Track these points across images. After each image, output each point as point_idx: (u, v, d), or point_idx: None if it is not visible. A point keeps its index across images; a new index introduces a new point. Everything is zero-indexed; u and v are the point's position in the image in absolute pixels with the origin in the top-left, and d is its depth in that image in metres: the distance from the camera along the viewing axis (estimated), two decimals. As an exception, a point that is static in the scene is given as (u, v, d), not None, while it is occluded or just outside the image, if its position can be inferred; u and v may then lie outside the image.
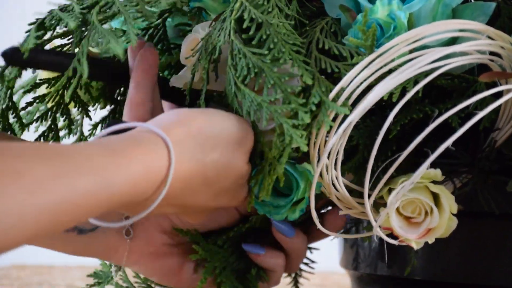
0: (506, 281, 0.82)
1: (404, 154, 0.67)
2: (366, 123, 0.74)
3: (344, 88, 0.67)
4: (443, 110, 0.72)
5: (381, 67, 0.67)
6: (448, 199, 0.72)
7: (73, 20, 0.71)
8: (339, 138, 0.68)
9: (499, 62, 0.72)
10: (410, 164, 0.72)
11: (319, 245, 0.93)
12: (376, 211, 0.75)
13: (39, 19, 0.76)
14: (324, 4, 0.76)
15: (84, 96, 0.87)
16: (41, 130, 0.87)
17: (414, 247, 0.73)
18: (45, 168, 0.54)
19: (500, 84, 0.73)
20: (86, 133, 0.92)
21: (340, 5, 0.74)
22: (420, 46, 0.69)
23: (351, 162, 0.75)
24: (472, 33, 0.70)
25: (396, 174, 0.72)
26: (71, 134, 0.89)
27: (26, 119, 0.89)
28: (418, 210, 0.73)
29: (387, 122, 0.65)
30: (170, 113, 0.68)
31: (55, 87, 0.82)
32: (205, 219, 0.76)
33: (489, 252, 0.83)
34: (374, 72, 0.67)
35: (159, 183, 0.62)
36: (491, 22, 0.73)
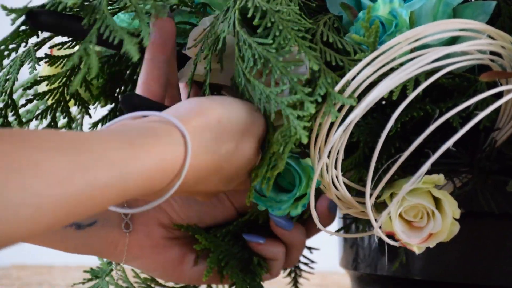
0: (506, 281, 0.82)
1: (406, 154, 0.67)
2: (367, 121, 0.75)
3: (350, 81, 0.67)
4: (444, 110, 0.72)
5: (383, 65, 0.67)
6: (450, 204, 0.73)
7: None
8: (339, 137, 0.68)
9: (499, 62, 0.72)
10: (410, 166, 0.72)
11: (319, 245, 0.94)
12: (377, 211, 0.75)
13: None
14: (325, 2, 0.76)
15: (84, 94, 0.87)
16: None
17: (416, 251, 0.73)
18: (63, 160, 0.54)
19: (501, 84, 0.73)
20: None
21: (341, 2, 0.74)
22: (420, 45, 0.69)
23: (351, 158, 0.75)
24: (473, 32, 0.70)
25: (397, 175, 0.72)
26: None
27: (26, 117, 0.89)
28: (421, 215, 0.73)
29: (390, 123, 0.65)
30: (190, 101, 0.68)
31: (56, 83, 0.82)
32: (211, 199, 0.76)
33: (489, 252, 0.83)
34: (376, 71, 0.67)
35: (174, 175, 0.63)
36: (491, 22, 0.73)
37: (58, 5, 0.72)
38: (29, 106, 0.90)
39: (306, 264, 0.95)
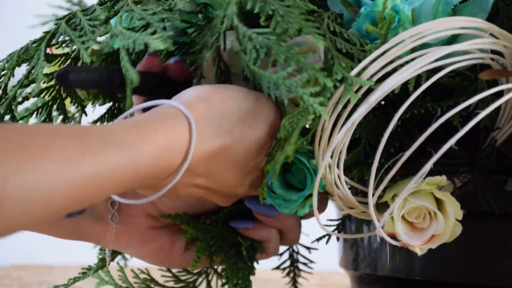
0: (506, 281, 0.82)
1: (407, 154, 0.67)
2: (369, 118, 0.74)
3: (368, 65, 0.67)
4: (444, 108, 0.72)
5: (386, 64, 0.67)
6: (453, 205, 0.72)
7: (85, 48, 0.73)
8: (342, 137, 0.68)
9: (500, 61, 0.72)
10: (411, 164, 0.72)
11: (318, 245, 0.93)
12: (378, 211, 0.74)
13: (46, 35, 0.76)
14: (325, 1, 0.76)
15: (81, 93, 0.87)
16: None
17: (418, 253, 0.73)
18: (72, 144, 0.56)
19: (501, 83, 0.73)
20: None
21: (342, 0, 0.74)
22: (421, 44, 0.69)
23: (351, 154, 0.75)
24: (476, 30, 0.70)
25: (399, 175, 0.72)
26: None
27: (22, 115, 0.89)
28: (423, 216, 0.73)
29: (393, 121, 0.65)
30: (194, 88, 0.69)
31: (53, 81, 0.83)
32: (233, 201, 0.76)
33: (489, 252, 0.83)
34: (380, 70, 0.67)
35: (182, 157, 0.64)
36: (489, 22, 0.73)
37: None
38: (27, 104, 0.90)
39: (305, 264, 0.95)
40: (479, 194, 0.79)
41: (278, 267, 0.95)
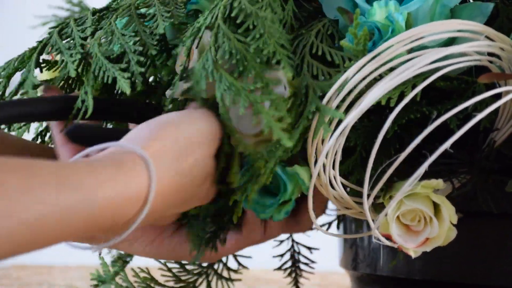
0: (506, 281, 0.82)
1: (403, 155, 0.67)
2: (364, 123, 0.74)
3: (341, 89, 0.67)
4: (442, 111, 0.72)
5: (376, 69, 0.67)
6: (448, 209, 0.73)
7: (72, 61, 0.73)
8: (336, 140, 0.68)
9: (497, 63, 0.72)
10: (408, 166, 0.72)
11: (318, 245, 0.94)
12: (375, 212, 0.74)
13: (39, 45, 0.77)
14: (322, 5, 0.76)
15: None
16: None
17: (412, 255, 0.73)
18: (16, 181, 0.52)
19: (499, 86, 0.73)
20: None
21: (338, 7, 0.73)
22: (418, 46, 0.69)
23: (349, 161, 0.75)
24: (471, 33, 0.70)
25: (396, 177, 0.72)
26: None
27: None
28: (418, 219, 0.73)
29: (386, 126, 0.65)
30: (141, 127, 0.67)
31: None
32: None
33: (489, 252, 0.83)
34: (369, 74, 0.67)
35: (141, 203, 0.62)
36: (489, 23, 0.73)
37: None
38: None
39: (306, 264, 0.95)
40: (478, 195, 0.79)
41: (280, 268, 0.96)
